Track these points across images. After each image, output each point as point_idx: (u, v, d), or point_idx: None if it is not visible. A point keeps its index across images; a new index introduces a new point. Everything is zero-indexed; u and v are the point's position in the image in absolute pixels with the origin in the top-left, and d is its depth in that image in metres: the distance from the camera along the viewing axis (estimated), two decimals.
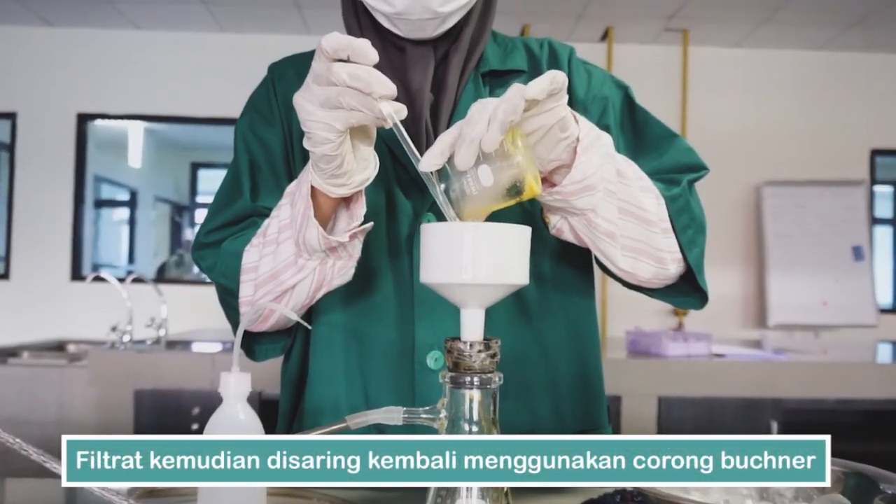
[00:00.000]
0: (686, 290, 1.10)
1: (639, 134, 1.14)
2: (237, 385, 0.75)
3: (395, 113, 0.83)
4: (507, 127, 0.78)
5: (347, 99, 0.82)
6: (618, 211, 0.95)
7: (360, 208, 0.96)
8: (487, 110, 0.78)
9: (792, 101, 5.12)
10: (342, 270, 1.01)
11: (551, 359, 1.12)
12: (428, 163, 0.80)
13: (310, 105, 0.85)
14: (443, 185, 0.81)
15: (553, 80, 0.81)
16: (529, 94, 0.79)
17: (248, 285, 1.04)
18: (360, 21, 1.12)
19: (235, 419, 0.75)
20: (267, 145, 1.14)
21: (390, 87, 0.82)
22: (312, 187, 0.93)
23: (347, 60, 0.82)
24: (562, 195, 0.90)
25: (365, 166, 0.92)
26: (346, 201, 0.98)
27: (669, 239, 1.01)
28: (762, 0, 4.35)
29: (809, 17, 4.58)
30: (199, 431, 0.74)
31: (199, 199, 8.48)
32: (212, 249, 1.12)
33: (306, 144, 0.88)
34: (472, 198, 0.81)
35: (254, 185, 1.12)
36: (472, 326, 0.76)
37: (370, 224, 0.97)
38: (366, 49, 0.82)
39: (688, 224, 1.04)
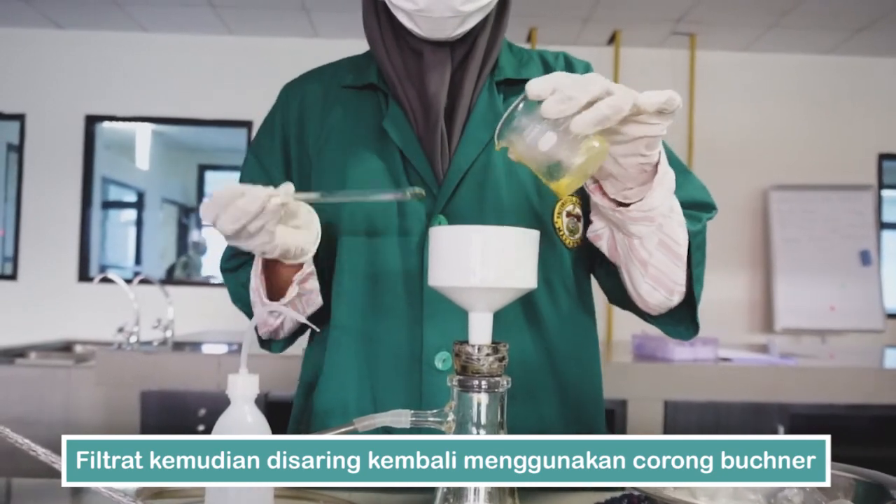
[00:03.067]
0: (679, 319, 1.12)
1: None
2: (245, 387, 0.76)
3: (281, 195, 0.94)
4: (602, 124, 0.77)
5: (245, 239, 0.95)
6: (657, 242, 0.97)
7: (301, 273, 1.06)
8: (599, 91, 0.77)
9: (799, 106, 5.10)
10: (309, 304, 1.11)
11: (558, 364, 1.12)
12: (534, 88, 0.78)
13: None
14: (515, 112, 0.80)
15: (669, 100, 0.80)
16: (641, 102, 0.79)
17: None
18: (380, 22, 1.13)
19: (243, 421, 0.75)
20: (266, 169, 1.19)
21: (259, 197, 0.92)
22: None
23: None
24: (623, 215, 0.92)
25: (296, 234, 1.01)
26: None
27: (683, 272, 1.03)
28: (770, 4, 4.34)
29: (817, 22, 4.56)
30: (206, 433, 0.74)
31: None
32: (231, 275, 1.22)
33: None
34: (522, 142, 0.80)
35: None
36: (481, 330, 0.76)
37: (293, 294, 1.06)
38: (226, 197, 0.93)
39: (700, 261, 1.06)
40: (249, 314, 1.18)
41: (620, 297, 1.13)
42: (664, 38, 4.92)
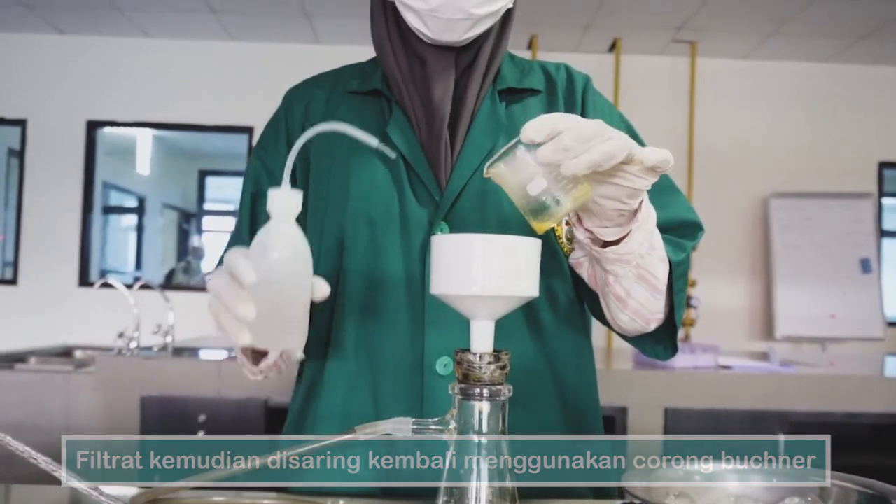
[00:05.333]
0: (658, 339, 1.12)
1: None
2: (288, 202, 0.77)
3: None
4: (594, 168, 0.77)
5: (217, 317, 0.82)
6: (635, 277, 0.97)
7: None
8: (600, 139, 0.77)
9: (800, 113, 5.11)
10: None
11: (559, 370, 1.12)
12: (530, 132, 0.77)
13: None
14: (509, 150, 0.79)
15: (664, 161, 0.81)
16: (637, 154, 0.79)
17: None
18: (387, 23, 1.13)
19: (285, 234, 0.76)
20: (269, 171, 1.19)
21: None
22: None
23: None
24: (599, 255, 0.93)
25: None
26: None
27: (662, 303, 1.04)
28: (770, 12, 4.35)
29: (818, 30, 4.57)
30: None
31: (207, 206, 8.50)
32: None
33: None
34: (512, 179, 0.80)
35: (253, 218, 1.18)
36: (482, 338, 0.76)
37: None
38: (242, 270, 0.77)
39: (682, 288, 1.07)
40: None
41: (599, 311, 1.13)
42: (665, 46, 4.93)
